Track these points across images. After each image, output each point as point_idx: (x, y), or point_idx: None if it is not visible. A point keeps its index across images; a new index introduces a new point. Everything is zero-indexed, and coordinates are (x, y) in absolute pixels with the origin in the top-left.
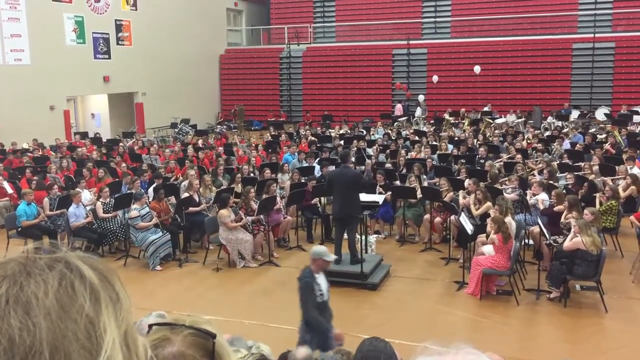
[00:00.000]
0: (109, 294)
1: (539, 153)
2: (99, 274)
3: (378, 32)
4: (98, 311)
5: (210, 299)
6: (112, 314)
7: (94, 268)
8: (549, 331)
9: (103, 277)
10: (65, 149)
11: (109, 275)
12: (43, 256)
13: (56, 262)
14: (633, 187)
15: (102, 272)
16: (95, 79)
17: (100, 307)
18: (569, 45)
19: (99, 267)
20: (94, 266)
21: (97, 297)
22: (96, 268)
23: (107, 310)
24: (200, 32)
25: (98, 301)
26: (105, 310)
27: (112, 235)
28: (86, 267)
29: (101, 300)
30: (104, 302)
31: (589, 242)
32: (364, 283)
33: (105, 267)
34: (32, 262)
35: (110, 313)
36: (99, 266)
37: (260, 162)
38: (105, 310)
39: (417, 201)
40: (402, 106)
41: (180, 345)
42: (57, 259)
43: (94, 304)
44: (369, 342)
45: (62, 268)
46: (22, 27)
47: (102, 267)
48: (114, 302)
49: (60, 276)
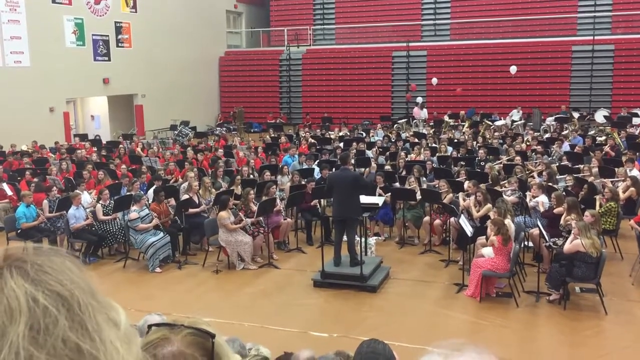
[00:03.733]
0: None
1: (538, 155)
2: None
3: (378, 34)
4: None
5: (210, 301)
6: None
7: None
8: (548, 333)
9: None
10: (65, 151)
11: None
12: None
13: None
14: (632, 189)
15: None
16: (95, 81)
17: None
18: (568, 47)
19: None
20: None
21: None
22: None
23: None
24: (199, 34)
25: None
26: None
27: (112, 237)
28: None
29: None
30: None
31: (589, 245)
32: (364, 285)
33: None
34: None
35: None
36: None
37: (259, 164)
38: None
39: (417, 203)
40: (418, 109)
41: (180, 344)
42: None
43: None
44: (368, 344)
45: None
46: (22, 29)
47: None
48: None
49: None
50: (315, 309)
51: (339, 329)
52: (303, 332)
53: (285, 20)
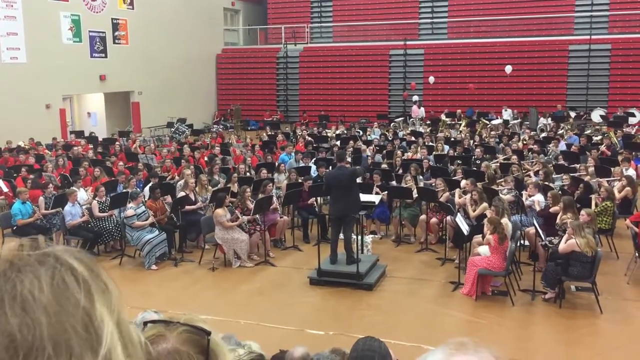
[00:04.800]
0: (98, 285)
1: (534, 154)
2: (86, 266)
3: (375, 32)
4: (92, 303)
5: (206, 299)
6: (104, 304)
7: (81, 261)
8: (544, 332)
9: (90, 269)
10: (61, 147)
11: (95, 267)
12: (32, 252)
13: (46, 257)
14: (628, 188)
15: (89, 264)
16: (92, 77)
17: (94, 298)
18: (565, 46)
19: (85, 259)
20: (81, 259)
21: (88, 289)
22: (83, 260)
23: (100, 301)
24: (197, 32)
25: (90, 293)
26: (99, 301)
27: (108, 235)
28: (74, 260)
29: (93, 291)
30: (96, 293)
31: (584, 244)
32: (360, 283)
33: (90, 259)
34: (20, 258)
35: (102, 303)
36: (84, 258)
37: (256, 161)
38: (98, 301)
39: (413, 201)
40: (417, 107)
41: (175, 341)
42: (46, 253)
43: (88, 296)
44: (364, 342)
45: (53, 262)
46: (19, 25)
47: (87, 260)
48: (104, 293)
49: (52, 271)
50: (311, 306)
51: (335, 327)
52: (299, 330)
53: (282, 18)
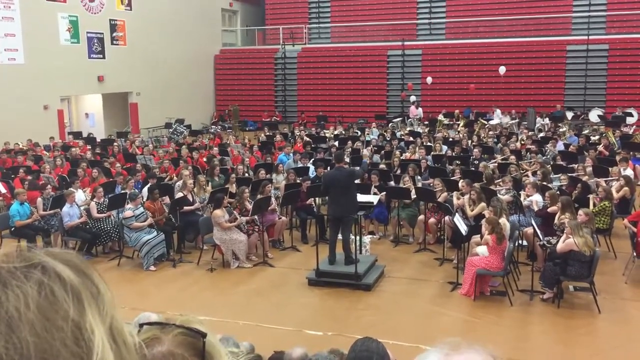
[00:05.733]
0: (89, 289)
1: (532, 154)
2: (76, 270)
3: (373, 33)
4: (82, 312)
5: (204, 300)
6: (95, 310)
7: (71, 265)
8: (542, 332)
9: (81, 272)
10: (59, 148)
11: (86, 270)
12: (17, 265)
13: (32, 270)
14: (626, 188)
15: (79, 266)
16: (90, 78)
17: (84, 306)
18: (563, 47)
19: (74, 262)
20: (71, 262)
21: (79, 297)
22: (72, 264)
23: (91, 308)
24: (195, 32)
25: (80, 301)
26: (89, 309)
27: (106, 235)
28: (62, 266)
29: (83, 299)
30: (86, 300)
31: (581, 243)
32: (358, 283)
33: (80, 261)
34: (6, 272)
35: (94, 310)
36: (74, 261)
37: (254, 162)
38: (89, 308)
39: (412, 202)
40: (414, 107)
41: (170, 344)
42: (33, 265)
43: (77, 306)
44: (362, 342)
45: (39, 275)
46: (16, 26)
47: (77, 262)
48: (95, 297)
49: (39, 284)
50: (309, 307)
51: (334, 327)
52: (298, 331)
53: (280, 18)
